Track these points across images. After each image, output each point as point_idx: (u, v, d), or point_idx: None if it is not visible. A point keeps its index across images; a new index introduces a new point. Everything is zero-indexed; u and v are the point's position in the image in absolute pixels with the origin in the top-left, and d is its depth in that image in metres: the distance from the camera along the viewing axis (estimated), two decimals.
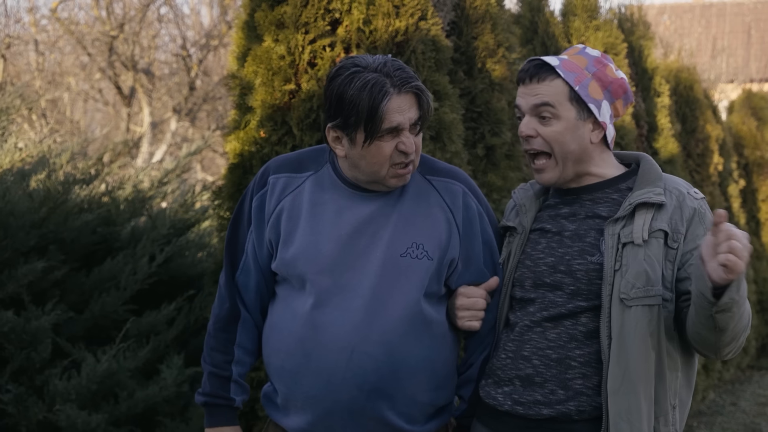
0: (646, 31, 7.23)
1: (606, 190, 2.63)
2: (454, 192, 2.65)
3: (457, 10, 4.34)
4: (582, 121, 2.57)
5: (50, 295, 4.55)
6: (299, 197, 2.64)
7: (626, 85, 2.63)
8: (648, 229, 2.49)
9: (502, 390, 2.60)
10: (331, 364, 2.53)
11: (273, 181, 2.67)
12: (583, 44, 2.70)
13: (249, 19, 3.97)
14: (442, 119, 3.81)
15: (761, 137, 10.34)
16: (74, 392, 4.23)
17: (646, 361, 2.47)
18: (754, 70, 23.58)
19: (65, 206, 4.80)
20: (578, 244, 2.57)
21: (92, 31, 14.18)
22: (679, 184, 2.60)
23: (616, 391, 2.46)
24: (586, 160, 2.61)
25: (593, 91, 2.57)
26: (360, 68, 2.47)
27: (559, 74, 2.56)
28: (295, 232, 2.61)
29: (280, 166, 2.70)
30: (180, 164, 6.09)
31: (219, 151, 14.28)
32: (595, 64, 2.60)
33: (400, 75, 2.46)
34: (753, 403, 8.04)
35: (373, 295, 2.54)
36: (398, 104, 2.46)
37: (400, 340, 2.54)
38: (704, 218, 2.53)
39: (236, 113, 3.95)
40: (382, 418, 2.57)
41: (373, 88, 2.43)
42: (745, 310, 2.39)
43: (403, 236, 2.57)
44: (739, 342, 2.46)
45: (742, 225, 9.01)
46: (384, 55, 2.53)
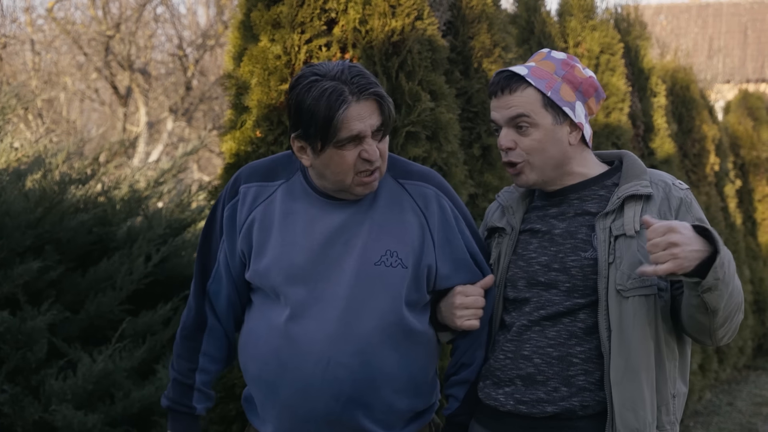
0: (642, 31, 7.23)
1: (592, 188, 2.64)
2: (426, 196, 2.61)
3: (454, 10, 4.34)
4: (559, 125, 2.58)
5: (46, 295, 4.54)
6: (270, 207, 2.60)
7: (596, 82, 2.64)
8: (639, 220, 2.50)
9: (503, 390, 2.60)
10: (308, 374, 2.51)
11: (244, 190, 2.63)
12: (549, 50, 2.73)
13: (245, 18, 3.97)
14: (438, 119, 3.81)
15: (757, 137, 10.35)
16: (70, 392, 4.22)
17: (647, 351, 2.49)
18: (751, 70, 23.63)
19: (61, 206, 4.79)
20: (570, 241, 2.58)
21: (88, 31, 14.17)
22: (664, 176, 2.63)
23: (619, 382, 2.47)
24: (566, 162, 2.62)
25: (565, 93, 2.59)
26: (318, 77, 2.43)
27: (529, 83, 2.56)
28: (267, 243, 2.58)
29: (251, 174, 2.66)
30: (176, 164, 6.09)
31: (215, 151, 14.28)
32: (563, 67, 2.61)
33: (359, 81, 2.41)
34: (749, 403, 8.04)
35: (348, 305, 2.51)
36: (357, 112, 2.42)
37: (376, 349, 2.52)
38: (691, 207, 2.56)
39: (232, 113, 3.95)
40: (359, 426, 2.56)
41: (330, 97, 2.39)
42: (735, 288, 2.41)
43: (376, 244, 2.54)
44: (734, 323, 2.48)
45: (739, 225, 9.02)
46: (343, 61, 2.48)
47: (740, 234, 9.01)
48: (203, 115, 15.54)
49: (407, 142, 3.73)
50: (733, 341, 8.14)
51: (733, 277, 2.39)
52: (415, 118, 3.73)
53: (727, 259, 2.35)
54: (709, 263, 2.31)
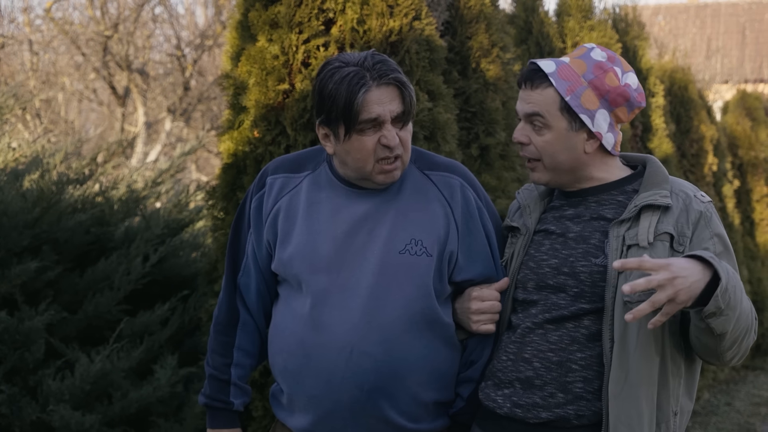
0: (640, 32, 7.24)
1: (611, 192, 2.58)
2: (452, 186, 2.63)
3: (452, 10, 4.34)
4: (574, 132, 2.52)
5: (44, 295, 4.54)
6: (296, 197, 2.63)
7: (628, 92, 2.53)
8: (654, 231, 2.44)
9: (502, 392, 2.57)
10: (331, 364, 2.52)
11: (270, 181, 2.67)
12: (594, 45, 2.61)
13: (243, 18, 3.97)
14: (436, 119, 3.81)
15: (756, 138, 10.35)
16: (68, 393, 4.22)
17: (649, 366, 2.44)
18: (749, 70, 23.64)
19: (59, 206, 4.78)
20: (582, 246, 2.53)
21: (87, 31, 14.17)
22: (686, 187, 2.55)
23: (617, 395, 2.42)
24: (582, 168, 2.57)
25: (587, 100, 2.50)
26: (342, 64, 2.47)
27: (551, 82, 2.50)
28: (291, 232, 2.60)
29: (278, 167, 2.70)
30: (174, 164, 6.08)
31: (213, 151, 14.27)
32: (594, 71, 2.51)
33: (380, 68, 2.45)
34: (747, 403, 8.05)
35: (372, 293, 2.52)
36: (377, 96, 2.45)
37: (400, 338, 2.53)
38: (710, 222, 2.49)
39: (230, 113, 3.94)
40: (384, 417, 2.56)
41: (352, 80, 2.43)
42: (743, 311, 2.36)
43: (401, 233, 2.55)
44: (743, 346, 2.43)
45: (737, 225, 9.03)
46: (368, 51, 2.53)
47: (738, 234, 9.01)
48: (201, 115, 15.54)
49: None
50: None
51: (740, 301, 2.34)
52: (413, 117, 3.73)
53: (731, 284, 2.29)
54: (711, 289, 2.26)
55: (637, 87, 2.56)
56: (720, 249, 2.48)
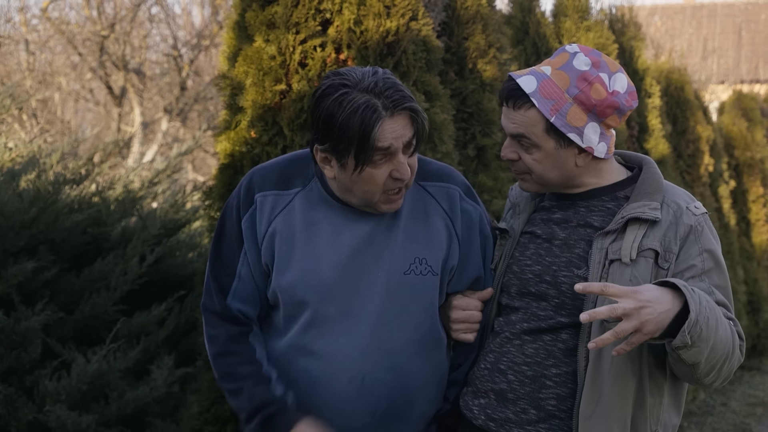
0: (636, 32, 7.25)
1: (602, 198, 2.48)
2: (451, 197, 2.55)
3: (448, 11, 4.34)
4: (563, 149, 2.41)
5: (40, 295, 4.54)
6: (290, 217, 2.49)
7: (617, 101, 2.38)
8: (637, 247, 2.35)
9: (478, 402, 2.53)
10: (342, 393, 2.46)
11: (260, 199, 2.51)
12: (576, 45, 2.46)
13: (240, 19, 3.97)
14: (433, 120, 3.81)
15: (752, 138, 10.36)
16: (64, 393, 4.22)
17: (624, 387, 2.35)
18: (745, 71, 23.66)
19: (55, 206, 4.79)
20: (566, 254, 2.45)
21: (83, 31, 14.15)
22: (680, 197, 2.45)
23: (587, 417, 2.35)
24: (573, 178, 2.48)
25: (573, 118, 2.37)
26: (349, 88, 2.31)
27: (534, 103, 2.36)
28: (290, 256, 2.47)
29: (265, 182, 2.53)
30: (171, 164, 6.08)
31: (210, 152, 14.26)
32: (578, 84, 2.36)
33: (393, 96, 2.30)
34: (743, 403, 8.06)
35: (379, 318, 2.45)
36: (391, 126, 2.31)
37: (410, 361, 2.49)
38: (700, 236, 2.39)
39: (227, 113, 3.94)
40: None
41: (365, 113, 2.28)
42: (719, 340, 2.25)
43: (404, 252, 2.47)
44: (723, 372, 2.34)
45: (733, 226, 9.04)
46: (374, 68, 2.37)
47: (734, 235, 9.03)
48: (198, 115, 15.53)
49: None
50: None
51: (714, 332, 2.22)
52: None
53: (704, 315, 2.18)
54: (682, 319, 2.17)
55: (627, 89, 2.42)
56: (710, 265, 2.39)
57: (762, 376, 9.26)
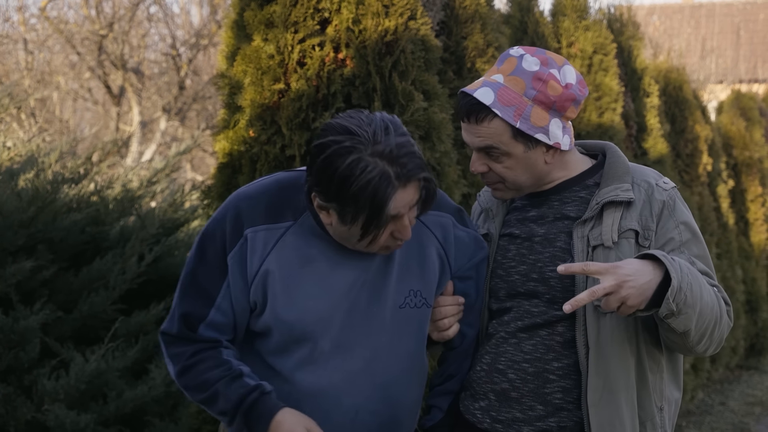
0: (635, 32, 7.24)
1: (573, 188, 2.51)
2: (444, 226, 2.53)
3: (447, 10, 4.34)
4: (532, 150, 2.43)
5: (39, 294, 4.54)
6: (283, 254, 2.40)
7: (573, 94, 2.40)
8: (617, 229, 2.39)
9: (478, 405, 2.53)
10: (335, 427, 2.44)
11: (251, 236, 2.39)
12: (521, 48, 2.46)
13: (238, 18, 3.97)
14: (431, 119, 3.81)
15: (750, 137, 10.36)
16: (63, 392, 4.22)
17: (626, 368, 2.40)
18: (743, 70, 23.69)
19: (54, 205, 4.79)
20: (549, 249, 2.47)
21: (81, 30, 14.15)
22: (648, 175, 2.49)
23: (596, 403, 2.38)
24: (544, 176, 2.50)
25: (537, 118, 2.39)
26: (361, 152, 2.21)
27: (496, 113, 2.37)
28: (287, 293, 2.40)
29: (254, 214, 2.41)
30: (169, 163, 6.08)
31: (208, 151, 14.26)
32: (534, 85, 2.38)
33: (408, 165, 2.22)
34: (742, 402, 8.06)
35: (374, 353, 2.45)
36: (402, 197, 2.25)
37: (402, 391, 2.50)
38: (674, 210, 2.44)
39: (225, 112, 3.94)
40: None
41: (379, 185, 2.20)
42: (705, 305, 2.29)
43: (399, 286, 2.46)
44: (714, 337, 2.38)
45: (731, 225, 9.04)
46: (383, 120, 2.26)
47: (733, 234, 9.03)
48: (196, 114, 15.53)
49: None
50: (725, 341, 8.15)
51: (699, 297, 2.26)
52: (408, 117, 3.73)
53: (686, 282, 2.22)
54: (666, 288, 2.20)
55: (577, 78, 2.44)
56: (687, 236, 2.43)
57: (760, 375, 9.27)
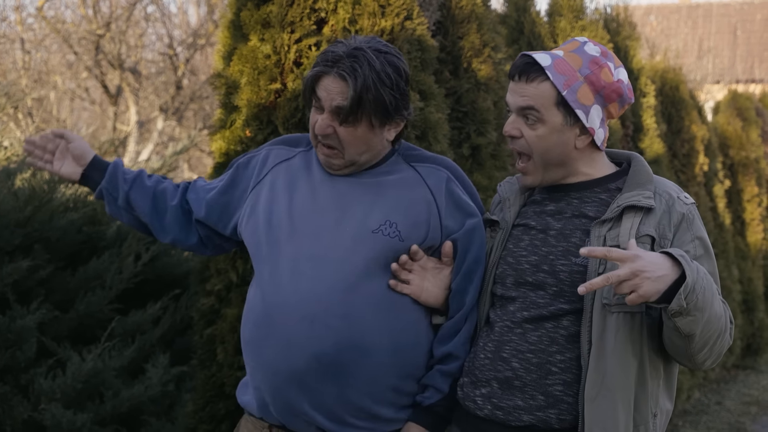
0: (632, 32, 7.25)
1: (595, 189, 2.56)
2: (438, 177, 2.65)
3: (443, 10, 4.35)
4: (568, 126, 2.50)
5: (35, 294, 4.53)
6: (285, 170, 2.71)
7: (622, 88, 2.52)
8: (635, 233, 2.43)
9: (479, 392, 2.55)
10: (292, 332, 2.53)
11: (267, 151, 2.79)
12: (587, 38, 2.60)
13: (235, 18, 3.97)
14: (427, 119, 3.81)
15: (746, 138, 10.37)
16: (59, 391, 4.22)
17: (626, 369, 2.42)
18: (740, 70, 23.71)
19: (50, 205, 4.78)
20: (563, 243, 2.51)
21: (79, 30, 14.13)
22: (670, 187, 2.55)
23: (592, 399, 2.41)
24: (570, 163, 2.55)
25: (583, 96, 2.48)
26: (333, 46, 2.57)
27: (548, 76, 2.48)
28: (272, 203, 2.67)
29: (279, 141, 2.82)
30: (166, 163, 6.08)
31: (205, 150, 14.25)
32: (590, 66, 2.49)
33: (333, 57, 2.51)
34: (738, 402, 8.07)
35: (340, 267, 2.54)
36: (326, 83, 2.52)
37: (364, 316, 2.53)
38: (692, 224, 2.48)
39: (222, 112, 3.95)
40: (342, 396, 2.55)
41: (317, 66, 2.54)
42: (714, 314, 2.33)
43: (377, 213, 2.58)
44: (715, 350, 2.42)
45: (728, 225, 9.05)
46: (362, 38, 2.59)
47: (729, 234, 9.04)
48: (194, 114, 15.51)
49: None
50: None
51: (710, 304, 2.31)
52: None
53: (700, 285, 2.27)
54: (677, 287, 2.25)
55: (628, 82, 2.56)
56: (700, 252, 2.48)
57: (757, 375, 9.28)
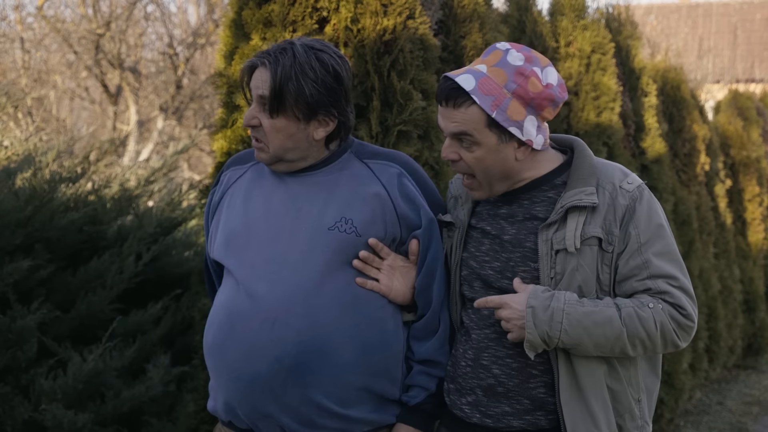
0: (633, 31, 7.23)
1: (542, 188, 2.54)
2: (390, 173, 2.66)
3: (445, 9, 4.34)
4: (504, 143, 2.46)
5: (36, 294, 4.53)
6: (239, 186, 2.74)
7: (552, 94, 2.45)
8: (580, 236, 2.42)
9: (466, 400, 2.56)
10: (254, 335, 2.53)
11: (223, 177, 2.82)
12: (508, 44, 2.53)
13: (236, 17, 3.96)
14: (430, 118, 3.81)
15: (747, 137, 10.36)
16: (60, 392, 4.21)
17: (594, 368, 2.45)
18: (740, 70, 23.70)
19: (51, 205, 4.77)
20: (519, 249, 2.51)
21: (78, 29, 14.12)
22: (613, 175, 2.51)
23: (567, 402, 2.44)
24: (514, 174, 2.53)
25: (513, 112, 2.42)
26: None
27: (474, 100, 2.41)
28: (229, 220, 2.70)
29: (232, 161, 2.84)
30: (167, 163, 6.07)
31: (206, 150, 14.25)
32: (515, 79, 2.42)
33: (266, 53, 2.56)
34: (739, 402, 8.06)
35: (299, 267, 2.55)
36: (255, 74, 2.57)
37: (326, 315, 2.53)
38: (634, 214, 2.45)
39: (223, 112, 3.94)
40: (307, 398, 2.54)
41: (253, 59, 2.59)
42: (597, 342, 2.40)
43: (332, 211, 2.59)
44: (628, 348, 2.43)
45: (729, 225, 9.04)
46: (313, 39, 2.63)
47: (730, 233, 9.03)
48: (194, 113, 15.50)
49: (399, 141, 3.73)
50: (723, 340, 8.16)
51: (587, 336, 2.39)
52: (407, 117, 3.73)
53: (557, 330, 2.37)
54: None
55: (558, 81, 2.49)
56: (646, 237, 2.45)
57: (758, 375, 9.27)
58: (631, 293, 2.45)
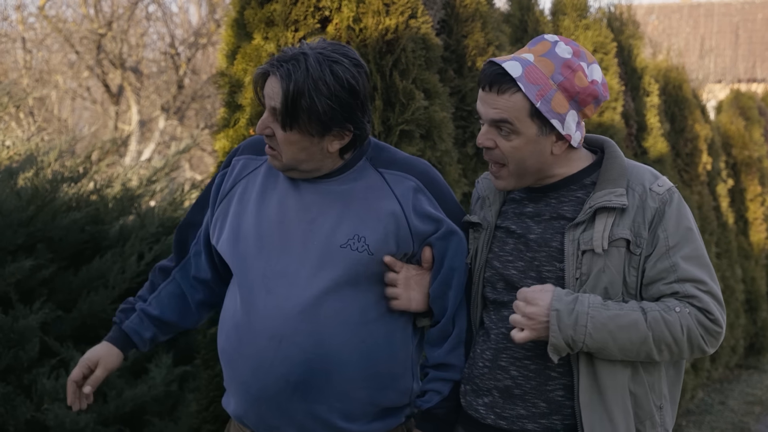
0: (635, 31, 7.24)
1: (571, 187, 2.50)
2: (405, 186, 2.57)
3: (447, 9, 4.34)
4: (544, 136, 2.41)
5: (38, 293, 4.53)
6: (253, 181, 2.65)
7: (597, 91, 2.42)
8: (608, 237, 2.38)
9: (482, 401, 2.54)
10: (261, 351, 2.50)
11: (235, 162, 2.72)
12: (556, 36, 2.49)
13: (238, 16, 3.96)
14: (432, 118, 3.80)
15: (749, 137, 10.36)
16: (62, 391, 4.20)
17: (616, 371, 2.41)
18: (742, 70, 23.70)
19: (53, 204, 4.77)
20: (545, 249, 2.47)
21: (80, 29, 14.12)
22: (644, 177, 2.47)
23: (587, 404, 2.40)
24: (546, 169, 2.48)
25: (557, 104, 2.39)
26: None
27: (519, 87, 2.37)
28: (241, 215, 2.62)
29: (246, 147, 2.74)
30: (168, 163, 6.07)
31: (207, 150, 14.25)
32: (562, 71, 2.39)
33: (280, 60, 2.47)
34: (741, 401, 8.06)
35: (308, 284, 2.50)
36: (269, 83, 2.48)
37: (333, 333, 2.49)
38: (663, 217, 2.41)
39: (225, 111, 3.94)
40: (312, 413, 2.53)
41: (264, 66, 2.52)
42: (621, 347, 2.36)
43: (345, 227, 2.52)
44: (665, 356, 2.41)
45: (731, 225, 9.04)
46: (324, 42, 2.53)
47: (732, 233, 9.03)
48: (195, 113, 15.50)
49: (401, 141, 3.73)
50: (725, 340, 8.16)
51: (612, 340, 2.35)
52: (409, 116, 3.72)
53: (582, 332, 2.33)
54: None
55: (602, 80, 2.46)
56: (675, 241, 2.42)
57: (760, 374, 9.27)
58: (658, 297, 2.41)
